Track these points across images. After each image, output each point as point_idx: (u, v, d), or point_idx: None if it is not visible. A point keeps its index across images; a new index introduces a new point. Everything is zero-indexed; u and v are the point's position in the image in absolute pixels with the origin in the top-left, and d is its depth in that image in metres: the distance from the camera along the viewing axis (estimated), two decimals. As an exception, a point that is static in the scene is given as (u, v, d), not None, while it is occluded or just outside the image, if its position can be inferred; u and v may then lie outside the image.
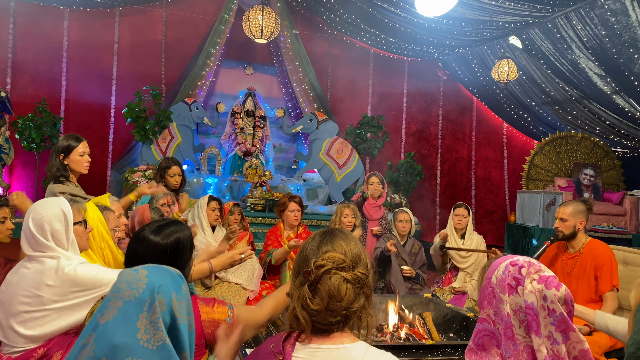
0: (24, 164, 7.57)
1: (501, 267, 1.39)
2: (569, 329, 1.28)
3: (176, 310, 1.17)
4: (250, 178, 7.63)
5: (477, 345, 1.41)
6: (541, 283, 1.31)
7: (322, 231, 1.47)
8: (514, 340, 1.31)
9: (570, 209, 3.27)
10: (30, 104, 7.17)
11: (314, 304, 1.31)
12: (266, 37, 6.78)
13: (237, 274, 4.16)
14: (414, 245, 4.59)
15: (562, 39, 6.95)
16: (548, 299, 1.28)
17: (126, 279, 1.18)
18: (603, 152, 8.60)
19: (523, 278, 1.33)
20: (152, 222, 1.83)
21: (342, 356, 1.32)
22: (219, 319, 1.76)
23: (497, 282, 1.37)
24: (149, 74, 8.05)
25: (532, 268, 1.35)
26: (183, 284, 1.24)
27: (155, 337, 1.12)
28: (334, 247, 1.38)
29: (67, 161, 3.25)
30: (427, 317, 3.08)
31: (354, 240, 1.44)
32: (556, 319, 1.28)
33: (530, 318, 1.29)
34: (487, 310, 1.39)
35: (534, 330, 1.28)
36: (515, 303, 1.32)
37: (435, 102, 9.95)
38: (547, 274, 1.33)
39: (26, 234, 2.02)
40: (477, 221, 9.99)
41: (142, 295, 1.14)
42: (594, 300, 3.19)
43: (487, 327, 1.39)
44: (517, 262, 1.38)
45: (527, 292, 1.30)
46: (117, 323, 1.12)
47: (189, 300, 1.24)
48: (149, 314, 1.13)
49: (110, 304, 1.15)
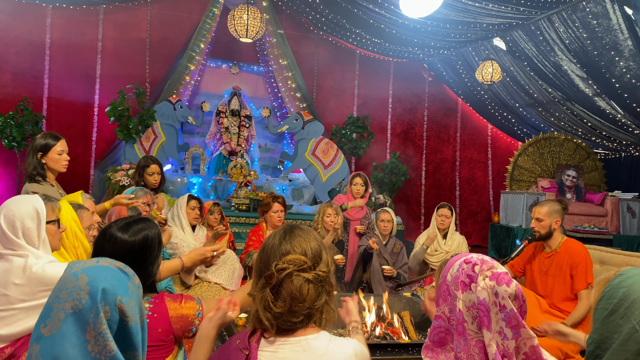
0: (5, 163, 7.47)
1: (455, 265, 1.42)
2: (519, 325, 1.30)
3: (123, 311, 1.12)
4: (235, 178, 7.60)
5: (433, 342, 1.44)
6: (493, 280, 1.33)
7: (282, 229, 1.47)
8: (464, 336, 1.33)
9: (546, 209, 3.31)
10: (11, 102, 7.09)
11: (276, 306, 1.33)
12: (251, 37, 6.76)
13: (217, 274, 4.14)
14: (396, 244, 4.61)
15: (545, 41, 7.03)
16: (499, 295, 1.30)
17: (66, 287, 1.11)
18: (585, 153, 8.70)
19: (476, 275, 1.35)
20: (119, 219, 1.81)
21: (307, 348, 1.34)
22: (187, 314, 1.76)
23: (452, 280, 1.39)
24: (133, 73, 7.99)
25: (485, 265, 1.37)
26: (129, 281, 1.18)
27: (106, 348, 1.07)
28: (293, 246, 1.39)
29: (45, 159, 3.19)
30: (405, 316, 3.09)
31: (313, 237, 1.45)
32: (507, 315, 1.29)
33: (482, 314, 1.31)
34: (442, 307, 1.42)
35: (485, 326, 1.31)
36: (469, 300, 1.34)
37: (421, 103, 10.00)
38: (499, 271, 1.35)
39: None
40: (462, 221, 10.06)
41: (85, 306, 1.08)
42: (570, 298, 3.22)
43: (442, 324, 1.42)
44: (471, 259, 1.40)
45: (479, 289, 1.32)
46: (63, 336, 1.06)
47: (139, 297, 1.20)
48: (96, 326, 1.07)
49: (53, 315, 1.09)
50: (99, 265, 1.17)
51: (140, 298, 1.20)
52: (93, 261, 1.19)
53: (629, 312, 1.26)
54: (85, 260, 1.18)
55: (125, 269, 1.21)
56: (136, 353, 1.14)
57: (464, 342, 1.32)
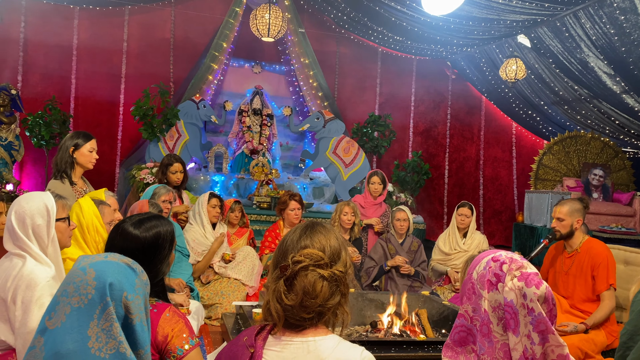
0: (34, 161, 7.68)
1: (483, 263, 1.36)
2: (547, 330, 1.24)
3: (128, 308, 1.13)
4: (256, 176, 7.66)
5: (454, 341, 1.40)
6: (521, 280, 1.27)
7: (304, 224, 1.46)
8: (489, 338, 1.28)
9: (567, 208, 3.25)
10: (40, 102, 7.27)
11: (288, 299, 1.32)
12: (273, 36, 6.80)
13: (237, 270, 4.19)
14: (413, 242, 4.58)
15: (571, 37, 6.89)
16: (527, 297, 1.25)
17: (74, 280, 1.12)
18: (613, 152, 8.50)
19: (504, 275, 1.29)
20: (133, 215, 1.83)
21: (313, 349, 1.32)
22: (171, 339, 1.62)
23: (478, 278, 1.34)
24: (158, 73, 8.12)
25: (514, 264, 1.31)
26: (137, 278, 1.18)
27: (108, 345, 1.08)
28: (312, 242, 1.38)
29: (76, 155, 3.34)
30: (422, 314, 3.08)
31: (334, 236, 1.43)
32: (534, 318, 1.24)
33: (508, 316, 1.26)
34: (465, 306, 1.37)
35: (511, 329, 1.26)
36: (495, 300, 1.29)
37: (444, 101, 9.91)
38: (529, 271, 1.30)
39: (8, 227, 1.99)
40: (485, 221, 9.94)
41: (91, 301, 1.09)
42: (591, 299, 3.16)
43: (464, 323, 1.37)
44: (499, 257, 1.34)
45: (507, 290, 1.27)
46: (65, 330, 1.07)
47: (146, 294, 1.19)
48: (100, 322, 1.09)
49: (59, 308, 1.10)
50: (107, 260, 1.17)
51: (146, 295, 1.20)
52: (102, 256, 1.19)
53: None
54: (94, 255, 1.20)
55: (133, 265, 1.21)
56: (141, 352, 1.14)
57: (488, 344, 1.27)
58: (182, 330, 1.64)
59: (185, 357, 1.60)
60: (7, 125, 6.86)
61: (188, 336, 1.64)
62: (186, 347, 1.61)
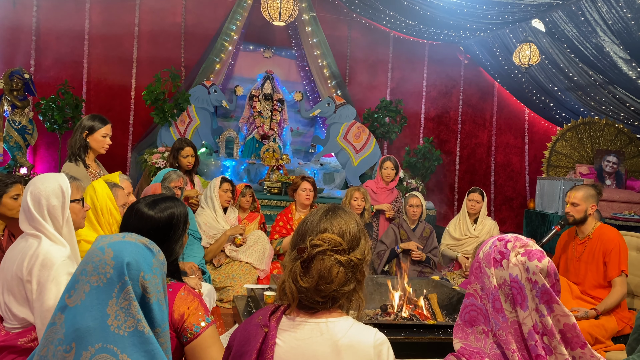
0: (47, 145, 7.76)
1: (489, 243, 1.38)
2: (552, 301, 1.26)
3: (145, 288, 1.15)
4: (267, 161, 7.68)
5: (464, 321, 1.40)
6: (525, 256, 1.30)
7: (326, 207, 1.46)
8: (503, 313, 1.30)
9: (582, 193, 3.24)
10: (53, 86, 7.32)
11: (303, 281, 1.33)
12: (284, 20, 6.76)
13: (248, 254, 4.23)
14: (425, 229, 4.59)
15: (587, 22, 6.77)
16: (530, 270, 1.27)
17: (92, 260, 1.14)
18: (627, 138, 8.39)
19: (508, 252, 1.32)
20: (148, 196, 1.85)
21: (327, 330, 1.33)
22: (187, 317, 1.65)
23: (484, 257, 1.36)
24: (169, 57, 8.12)
25: (518, 242, 1.34)
26: (154, 258, 1.20)
27: (126, 323, 1.11)
28: (332, 225, 1.38)
29: (89, 139, 3.36)
30: (432, 298, 3.09)
31: (355, 222, 1.42)
32: (539, 290, 1.26)
33: (515, 291, 1.28)
34: (474, 285, 1.38)
35: (519, 304, 1.28)
36: (500, 276, 1.31)
37: (456, 86, 9.82)
38: (532, 248, 1.32)
39: (24, 208, 2.02)
40: (496, 208, 9.90)
41: (109, 280, 1.12)
42: (603, 285, 3.16)
43: (474, 302, 1.37)
44: (504, 237, 1.37)
45: (511, 265, 1.29)
46: (85, 308, 1.10)
47: (163, 274, 1.21)
48: (119, 300, 1.11)
49: (79, 286, 1.13)
50: (124, 241, 1.20)
51: (164, 275, 1.22)
52: (119, 236, 1.21)
53: None
54: (112, 235, 1.22)
55: (150, 245, 1.23)
56: (158, 330, 1.16)
57: (502, 319, 1.29)
58: (198, 309, 1.66)
59: (201, 334, 1.63)
60: (20, 110, 6.91)
61: (204, 314, 1.67)
62: (202, 324, 1.64)
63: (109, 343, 1.10)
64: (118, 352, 1.10)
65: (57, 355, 1.10)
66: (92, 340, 1.10)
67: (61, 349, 1.10)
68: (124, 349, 1.10)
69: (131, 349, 1.11)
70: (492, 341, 1.30)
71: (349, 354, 1.30)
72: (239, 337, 1.41)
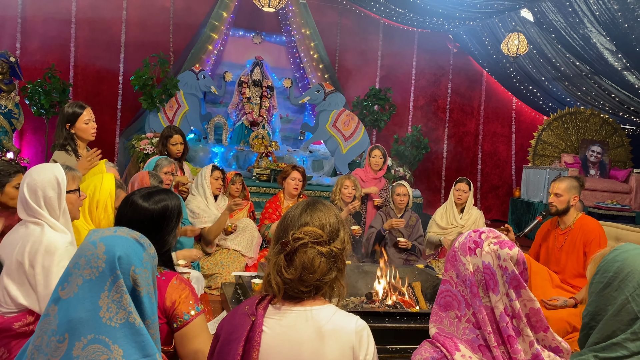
0: (34, 130, 7.69)
1: (465, 234, 1.47)
2: (519, 286, 1.34)
3: (136, 281, 1.19)
4: (256, 148, 7.69)
5: (440, 305, 1.48)
6: (497, 244, 1.38)
7: (305, 202, 1.53)
8: (479, 297, 1.37)
9: (565, 184, 3.31)
10: (39, 70, 7.24)
11: (288, 273, 1.39)
12: (274, 6, 6.73)
13: (236, 241, 4.27)
14: (411, 217, 4.66)
15: (575, 12, 6.83)
16: (501, 257, 1.36)
17: (85, 254, 1.18)
18: (612, 129, 8.52)
19: (482, 241, 1.40)
20: (143, 187, 1.89)
21: (311, 317, 1.40)
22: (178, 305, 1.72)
23: (459, 246, 1.44)
24: (157, 42, 8.05)
25: (492, 234, 1.42)
26: (144, 252, 1.25)
27: (118, 315, 1.15)
28: (312, 219, 1.45)
29: (74, 130, 3.24)
30: (417, 286, 3.16)
31: (334, 214, 1.51)
32: (508, 276, 1.34)
33: (487, 277, 1.36)
34: (450, 272, 1.46)
35: (491, 289, 1.36)
36: (474, 264, 1.39)
37: (445, 75, 9.86)
38: (504, 239, 1.41)
39: (21, 198, 2.05)
40: (482, 195, 10.02)
41: (101, 274, 1.15)
42: (582, 274, 3.24)
43: (449, 289, 1.45)
44: (480, 229, 1.46)
45: (484, 253, 1.37)
46: (78, 300, 1.14)
47: (153, 268, 1.25)
48: (111, 293, 1.15)
49: (71, 279, 1.16)
50: (116, 235, 1.24)
51: (154, 269, 1.27)
52: (111, 230, 1.26)
53: (622, 284, 1.31)
54: (104, 229, 1.26)
55: (141, 239, 1.27)
56: (148, 322, 1.22)
57: (479, 303, 1.37)
58: (189, 297, 1.74)
59: (191, 322, 1.71)
60: (6, 93, 6.83)
61: (194, 303, 1.74)
62: (192, 312, 1.72)
63: (101, 334, 1.14)
64: (110, 342, 1.14)
65: (51, 345, 1.14)
66: (85, 331, 1.14)
67: (55, 339, 1.14)
68: (116, 339, 1.15)
69: (122, 340, 1.15)
70: (464, 326, 1.38)
71: (332, 339, 1.38)
72: (226, 325, 1.46)
